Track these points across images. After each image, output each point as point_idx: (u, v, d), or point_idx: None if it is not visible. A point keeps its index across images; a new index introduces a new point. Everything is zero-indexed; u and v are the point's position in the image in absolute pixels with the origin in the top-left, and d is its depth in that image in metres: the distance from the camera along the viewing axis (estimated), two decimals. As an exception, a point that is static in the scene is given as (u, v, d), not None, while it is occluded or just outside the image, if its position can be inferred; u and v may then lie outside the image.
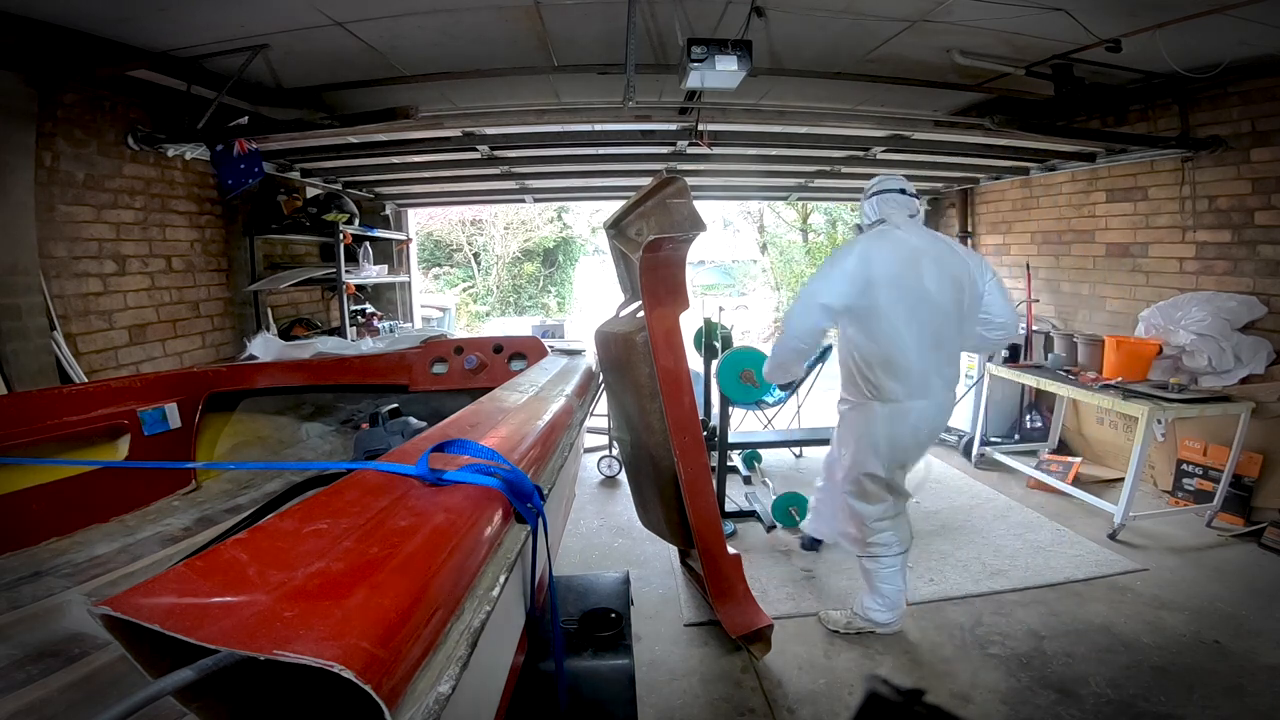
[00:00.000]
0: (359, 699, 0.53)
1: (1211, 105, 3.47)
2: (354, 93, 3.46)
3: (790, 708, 2.00)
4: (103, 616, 0.57)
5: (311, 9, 2.53)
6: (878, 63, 3.24)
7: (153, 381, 2.49)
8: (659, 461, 2.08)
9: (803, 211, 12.19)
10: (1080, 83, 3.12)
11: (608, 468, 4.13)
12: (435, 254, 13.38)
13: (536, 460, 1.24)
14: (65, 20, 2.50)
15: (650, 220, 1.85)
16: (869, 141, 4.11)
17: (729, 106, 3.66)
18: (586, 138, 3.95)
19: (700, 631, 2.41)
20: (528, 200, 6.36)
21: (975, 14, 2.63)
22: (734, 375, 2.90)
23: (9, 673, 1.34)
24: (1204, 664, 2.15)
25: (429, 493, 0.91)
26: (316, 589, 0.63)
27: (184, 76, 3.00)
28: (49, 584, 1.74)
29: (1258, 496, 3.17)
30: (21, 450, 1.93)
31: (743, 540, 3.19)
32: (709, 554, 2.14)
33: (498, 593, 0.80)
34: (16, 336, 2.58)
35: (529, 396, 1.77)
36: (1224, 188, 3.49)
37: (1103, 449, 4.06)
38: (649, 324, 1.88)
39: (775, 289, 12.85)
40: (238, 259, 4.05)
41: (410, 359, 3.03)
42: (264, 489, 2.53)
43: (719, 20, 2.73)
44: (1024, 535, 3.16)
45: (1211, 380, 3.32)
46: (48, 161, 2.80)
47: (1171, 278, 3.81)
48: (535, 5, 2.61)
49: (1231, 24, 2.57)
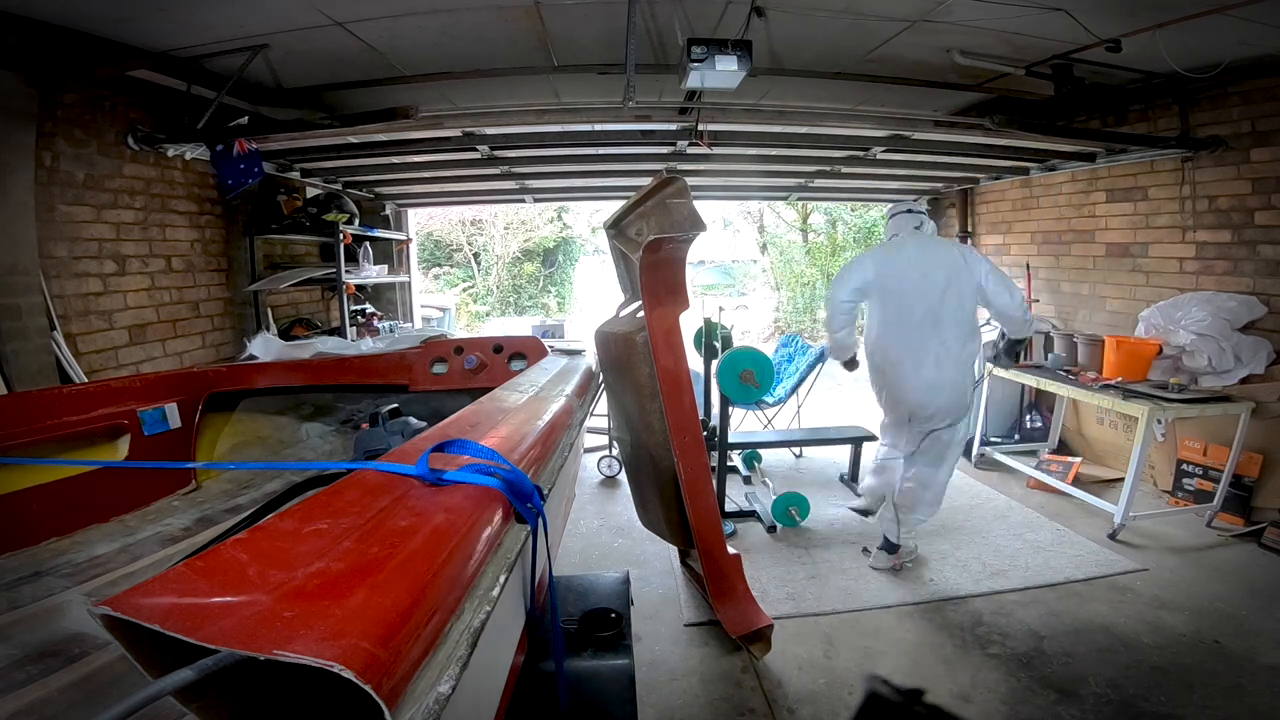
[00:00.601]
0: (359, 699, 0.53)
1: (1211, 105, 3.47)
2: (354, 93, 3.46)
3: (790, 708, 2.00)
4: (103, 616, 0.57)
5: (311, 9, 2.53)
6: (878, 63, 3.24)
7: (153, 381, 2.48)
8: (659, 461, 2.08)
9: (803, 211, 12.17)
10: (1080, 83, 3.12)
11: (608, 468, 4.13)
12: (435, 254, 13.37)
13: (536, 460, 1.24)
14: (65, 20, 2.49)
15: (650, 220, 1.85)
16: (869, 141, 4.11)
17: (729, 106, 3.66)
18: (586, 138, 3.95)
19: (700, 631, 2.41)
20: (528, 200, 6.36)
21: (975, 14, 2.63)
22: (734, 375, 2.89)
23: (9, 673, 1.34)
24: (1204, 664, 2.15)
25: (429, 493, 0.91)
26: (316, 589, 0.63)
27: (184, 76, 3.00)
28: (49, 584, 1.74)
29: (1258, 496, 3.17)
30: (21, 450, 1.93)
31: (743, 540, 3.19)
32: (709, 554, 2.14)
33: (498, 593, 0.80)
34: (16, 336, 2.58)
35: (529, 396, 1.77)
36: (1224, 188, 3.49)
37: (1103, 449, 4.06)
38: (649, 324, 1.88)
39: (775, 289, 12.83)
40: (238, 259, 4.05)
41: (410, 359, 3.03)
42: (264, 489, 2.53)
43: (719, 20, 2.73)
44: (1024, 535, 3.16)
45: (1211, 380, 3.31)
46: (48, 161, 2.80)
47: (1171, 278, 3.81)
48: (535, 5, 2.61)
49: (1231, 24, 2.56)
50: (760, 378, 2.89)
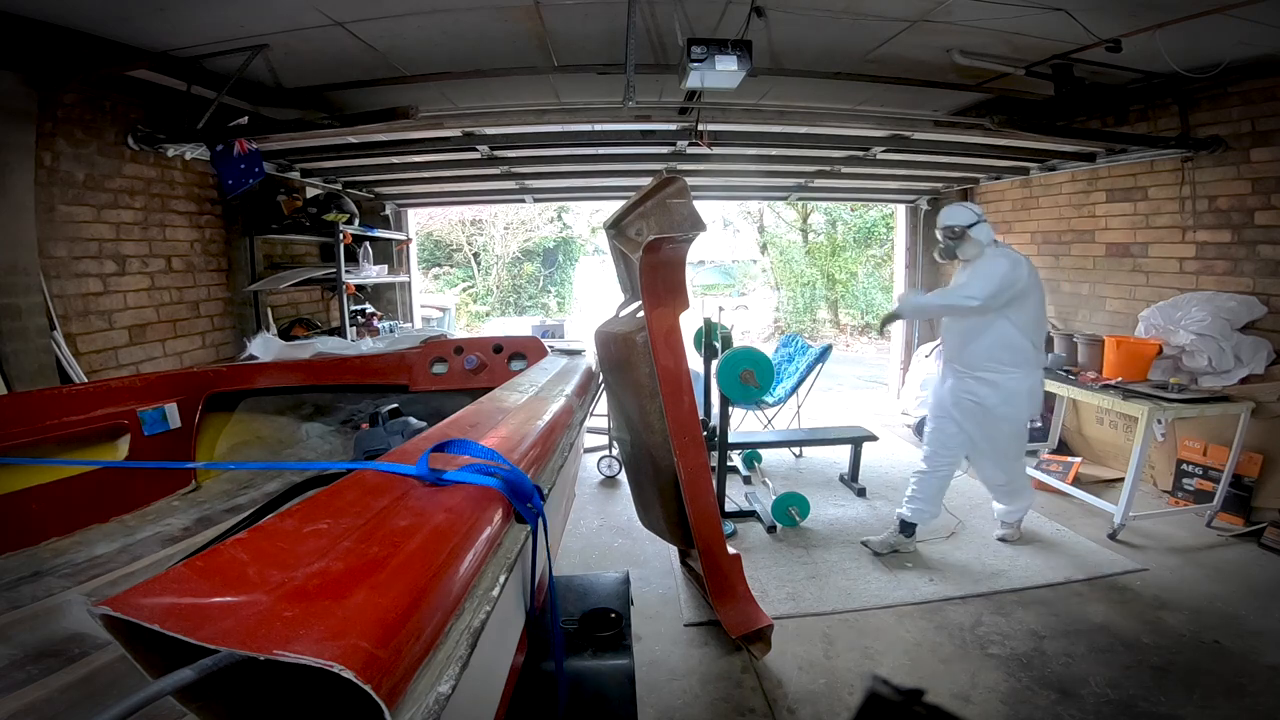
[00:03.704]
0: (359, 699, 0.53)
1: (1211, 105, 3.47)
2: (354, 93, 3.46)
3: (790, 708, 2.00)
4: (103, 616, 0.57)
5: (311, 9, 2.53)
6: (878, 63, 3.24)
7: (153, 381, 2.48)
8: (659, 461, 2.08)
9: (803, 211, 12.18)
10: (1080, 83, 3.12)
11: (608, 468, 4.13)
12: (435, 254, 13.38)
13: (536, 460, 1.24)
14: (65, 20, 2.49)
15: (650, 220, 1.85)
16: (869, 141, 4.11)
17: (729, 106, 3.66)
18: (586, 138, 3.95)
19: (700, 631, 2.41)
20: (528, 200, 6.36)
21: (975, 14, 2.63)
22: (734, 375, 2.89)
23: (9, 673, 1.34)
24: (1204, 664, 2.15)
25: (429, 493, 0.91)
26: (316, 589, 0.63)
27: (184, 76, 3.00)
28: (49, 584, 1.74)
29: (1258, 496, 3.17)
30: (21, 450, 1.92)
31: (743, 540, 3.19)
32: (709, 554, 2.14)
33: (498, 593, 0.80)
34: (16, 336, 2.58)
35: (529, 396, 1.76)
36: (1224, 188, 3.49)
37: (1103, 449, 4.06)
38: (649, 324, 1.88)
39: (775, 289, 12.84)
40: (238, 259, 4.05)
41: (410, 359, 3.03)
42: (264, 489, 2.52)
43: (719, 20, 2.73)
44: (1024, 535, 3.16)
45: (1211, 380, 3.31)
46: (48, 161, 2.79)
47: (1171, 278, 3.81)
48: (535, 5, 2.60)
49: (1231, 24, 2.56)
50: (760, 378, 2.89)
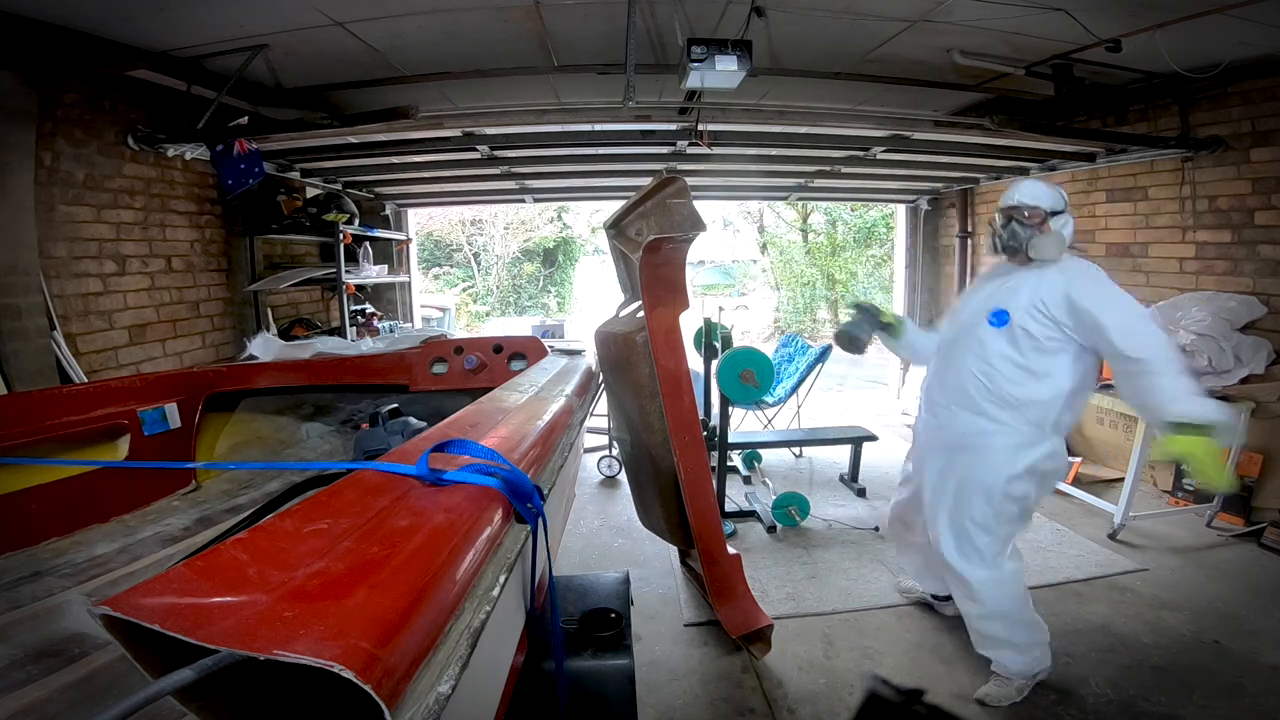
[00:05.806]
0: (359, 699, 0.53)
1: (1211, 105, 3.46)
2: (354, 93, 3.46)
3: (790, 708, 2.00)
4: (103, 616, 0.57)
5: (311, 9, 2.53)
6: (878, 63, 3.24)
7: (153, 381, 2.48)
8: (659, 461, 2.08)
9: (803, 211, 12.18)
10: (1080, 83, 3.12)
11: (608, 468, 4.13)
12: (435, 254, 13.39)
13: (536, 460, 1.24)
14: (65, 20, 2.49)
15: (650, 220, 1.85)
16: (869, 141, 4.11)
17: (729, 106, 3.66)
18: (586, 138, 3.95)
19: (700, 631, 2.41)
20: (528, 200, 6.36)
21: (975, 14, 2.63)
22: (734, 375, 2.89)
23: (9, 673, 1.34)
24: (1204, 664, 2.15)
25: (429, 493, 0.91)
26: (316, 589, 0.63)
27: (184, 76, 3.00)
28: (49, 584, 1.74)
29: (1258, 496, 3.17)
30: (21, 450, 1.92)
31: (743, 540, 3.19)
32: (709, 554, 2.14)
33: (498, 593, 0.80)
34: (16, 336, 2.58)
35: (529, 396, 1.76)
36: (1224, 188, 3.48)
37: (1103, 449, 4.06)
38: (649, 324, 1.88)
39: (775, 289, 12.85)
40: (238, 259, 4.05)
41: (410, 359, 3.03)
42: (264, 489, 2.52)
43: (719, 20, 2.73)
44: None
45: (1211, 380, 3.31)
46: (48, 161, 2.79)
47: (1171, 278, 3.81)
48: (535, 5, 2.60)
49: (1231, 24, 2.56)
50: (760, 378, 2.89)
